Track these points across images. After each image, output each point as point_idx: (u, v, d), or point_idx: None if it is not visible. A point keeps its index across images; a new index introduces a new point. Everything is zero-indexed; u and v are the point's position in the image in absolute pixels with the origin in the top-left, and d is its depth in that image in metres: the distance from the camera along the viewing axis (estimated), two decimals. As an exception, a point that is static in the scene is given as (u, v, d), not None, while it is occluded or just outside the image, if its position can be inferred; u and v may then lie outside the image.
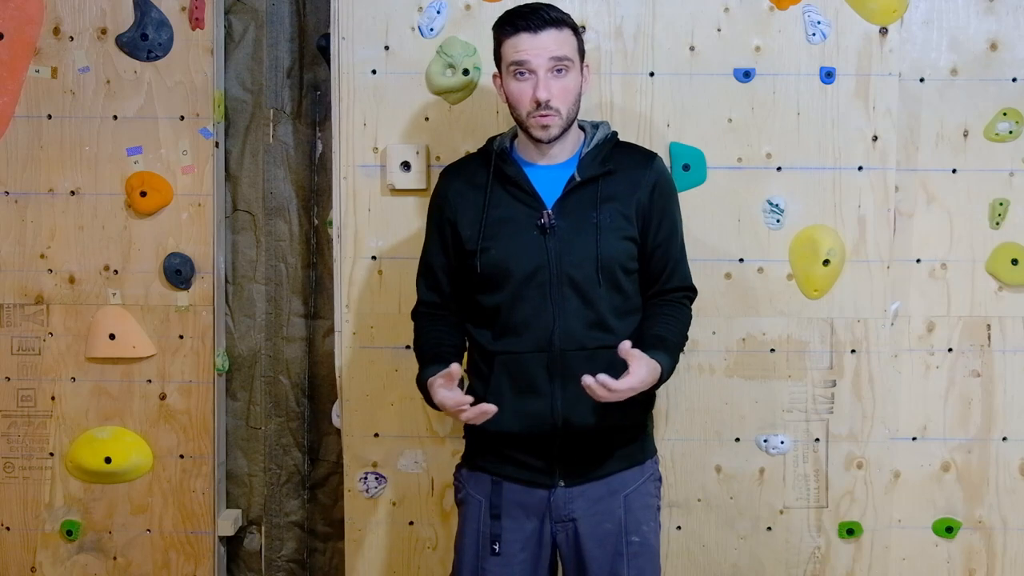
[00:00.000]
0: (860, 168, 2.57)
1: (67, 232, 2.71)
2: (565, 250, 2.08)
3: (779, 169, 2.57)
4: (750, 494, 2.64)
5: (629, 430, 2.16)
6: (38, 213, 2.71)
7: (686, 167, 2.55)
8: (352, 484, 2.67)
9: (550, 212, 2.10)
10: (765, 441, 2.63)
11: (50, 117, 2.68)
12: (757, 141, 2.56)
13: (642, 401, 2.12)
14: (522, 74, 2.06)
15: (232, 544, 2.90)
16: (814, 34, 2.54)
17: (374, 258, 2.61)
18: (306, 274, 2.86)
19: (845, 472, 2.63)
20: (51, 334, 2.73)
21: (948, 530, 2.67)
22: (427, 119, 2.58)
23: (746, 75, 2.55)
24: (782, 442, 2.62)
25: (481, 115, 2.56)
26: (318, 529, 2.92)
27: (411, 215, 2.58)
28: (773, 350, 2.60)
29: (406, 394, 2.58)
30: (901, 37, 2.55)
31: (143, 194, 2.67)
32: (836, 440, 2.63)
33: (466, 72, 2.54)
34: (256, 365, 2.85)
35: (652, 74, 2.55)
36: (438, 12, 2.54)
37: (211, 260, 2.71)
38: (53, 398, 2.74)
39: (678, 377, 2.48)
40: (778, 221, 2.58)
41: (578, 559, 2.13)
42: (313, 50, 2.80)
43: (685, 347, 2.21)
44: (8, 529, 2.77)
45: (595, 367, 1.98)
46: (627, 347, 1.97)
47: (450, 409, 2.01)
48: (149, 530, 2.77)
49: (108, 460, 2.71)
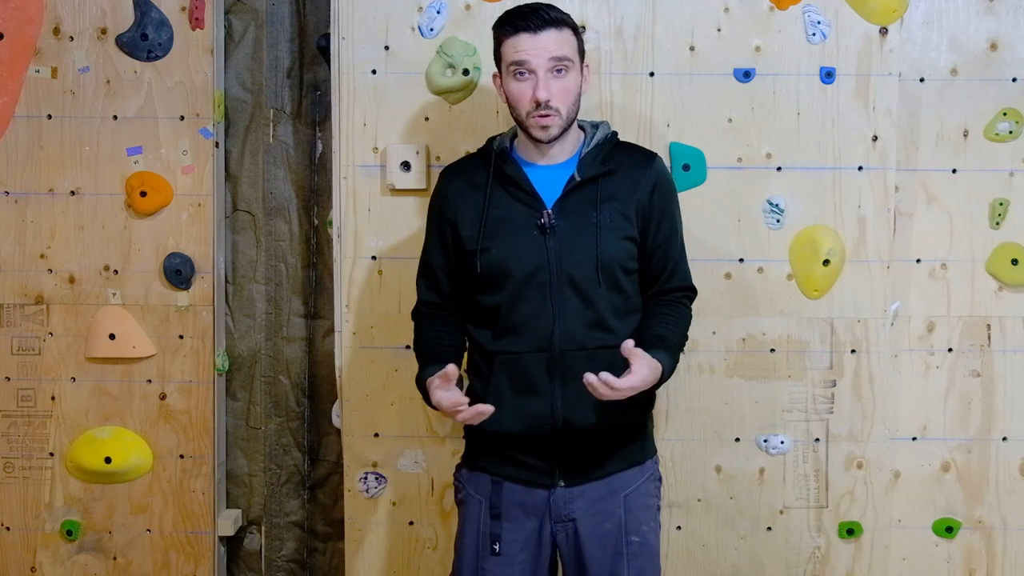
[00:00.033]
0: (860, 168, 2.57)
1: (67, 232, 2.71)
2: (565, 250, 2.08)
3: (779, 169, 2.57)
4: (750, 494, 2.64)
5: (629, 430, 2.16)
6: (38, 213, 2.71)
7: (686, 167, 2.55)
8: (352, 484, 2.67)
9: (550, 212, 2.10)
10: (765, 441, 2.63)
11: (50, 117, 2.68)
12: (757, 141, 2.56)
13: (642, 401, 2.12)
14: (522, 74, 2.06)
15: (232, 544, 2.90)
16: (814, 34, 2.54)
17: (374, 258, 2.61)
18: (306, 274, 2.86)
19: (845, 472, 2.63)
20: (51, 334, 2.73)
21: (948, 530, 2.66)
22: (427, 119, 2.58)
23: (746, 75, 2.55)
24: (782, 442, 2.62)
25: (481, 115, 2.56)
26: (318, 529, 2.92)
27: (411, 215, 2.58)
28: (773, 350, 2.60)
29: (406, 394, 2.58)
30: (901, 37, 2.55)
31: (143, 194, 2.67)
32: (836, 440, 2.63)
33: (466, 72, 2.54)
34: (256, 365, 2.85)
35: (652, 74, 2.55)
36: (438, 12, 2.54)
37: (211, 260, 2.71)
38: (53, 398, 2.74)
39: (678, 377, 2.48)
40: (778, 221, 2.58)
41: (578, 559, 2.13)
42: (313, 50, 2.80)
43: (685, 347, 2.21)
44: (8, 529, 2.77)
45: (595, 367, 1.97)
46: (630, 346, 1.96)
47: (447, 410, 2.01)
48: (149, 530, 2.77)
49: (108, 460, 2.71)
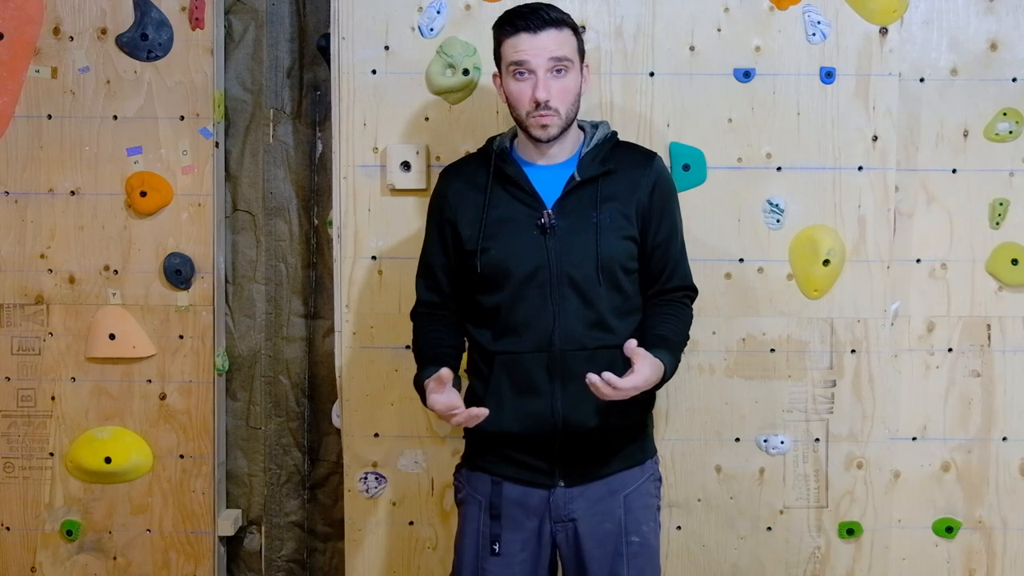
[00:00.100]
0: (860, 168, 2.56)
1: (67, 232, 2.71)
2: (565, 250, 2.08)
3: (779, 169, 2.57)
4: (750, 494, 2.64)
5: (629, 430, 2.16)
6: (38, 213, 2.71)
7: (686, 167, 2.55)
8: (352, 484, 2.67)
9: (550, 212, 2.10)
10: (765, 441, 2.62)
11: (50, 117, 2.68)
12: (757, 141, 2.56)
13: (642, 401, 2.12)
14: (522, 74, 2.06)
15: (232, 544, 2.90)
16: (814, 34, 2.54)
17: (374, 258, 2.61)
18: (306, 274, 2.86)
19: (845, 472, 2.63)
20: (51, 334, 2.73)
21: (948, 530, 2.66)
22: (427, 119, 2.58)
23: (746, 75, 2.55)
24: (782, 442, 2.62)
25: (481, 115, 2.56)
26: (318, 529, 2.92)
27: (411, 215, 2.58)
28: (773, 350, 2.60)
29: (406, 394, 2.58)
30: (901, 37, 2.55)
31: (143, 194, 2.67)
32: (836, 440, 2.63)
33: (466, 72, 2.54)
34: (256, 365, 2.85)
35: (652, 74, 2.55)
36: (438, 12, 2.54)
37: (211, 260, 2.71)
38: (53, 398, 2.74)
39: (678, 377, 2.47)
40: (778, 221, 2.58)
41: (578, 559, 2.13)
42: (313, 50, 2.79)
43: (686, 347, 2.21)
44: (8, 529, 2.77)
45: (595, 367, 1.98)
46: (633, 346, 1.96)
47: (441, 413, 2.01)
48: (149, 530, 2.77)
49: (108, 460, 2.71)
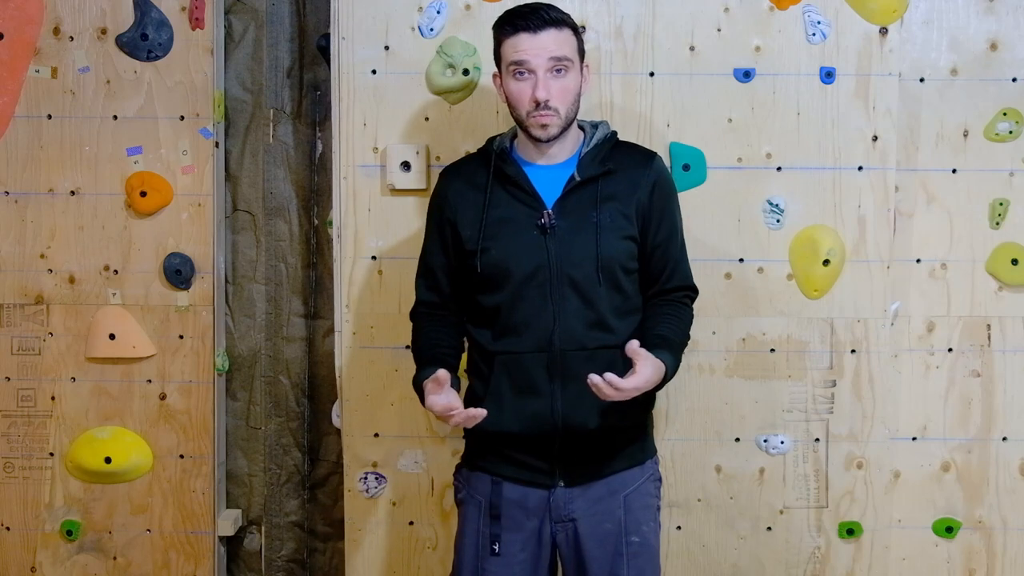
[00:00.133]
0: (860, 168, 2.56)
1: (67, 232, 2.71)
2: (565, 250, 2.08)
3: (779, 169, 2.57)
4: (750, 494, 2.64)
5: (629, 430, 2.16)
6: (38, 213, 2.71)
7: (686, 167, 2.55)
8: (352, 484, 2.67)
9: (550, 212, 2.10)
10: (765, 441, 2.62)
11: (50, 117, 2.68)
12: (757, 141, 2.56)
13: (642, 402, 2.12)
14: (521, 74, 2.06)
15: (232, 544, 2.90)
16: (814, 34, 2.54)
17: (374, 258, 2.61)
18: (306, 274, 2.86)
19: (845, 472, 2.63)
20: (51, 334, 2.73)
21: (948, 530, 2.66)
22: (427, 119, 2.58)
23: (746, 75, 2.55)
24: (782, 442, 2.62)
25: (481, 115, 2.56)
26: (318, 529, 2.92)
27: (411, 215, 2.58)
28: (773, 350, 2.60)
29: (406, 394, 2.57)
30: (901, 37, 2.55)
31: (143, 194, 2.67)
32: (836, 440, 2.63)
33: (466, 72, 2.54)
34: (256, 365, 2.85)
35: (652, 74, 2.55)
36: (438, 12, 2.54)
37: (211, 260, 2.71)
38: (53, 398, 2.74)
39: (678, 377, 2.46)
40: (778, 221, 2.57)
41: (578, 559, 2.13)
42: (313, 50, 2.79)
43: (686, 347, 2.21)
44: (8, 529, 2.77)
45: (595, 367, 1.98)
46: (635, 346, 1.96)
47: (439, 414, 2.01)
48: (149, 530, 2.77)
49: (108, 460, 2.71)
